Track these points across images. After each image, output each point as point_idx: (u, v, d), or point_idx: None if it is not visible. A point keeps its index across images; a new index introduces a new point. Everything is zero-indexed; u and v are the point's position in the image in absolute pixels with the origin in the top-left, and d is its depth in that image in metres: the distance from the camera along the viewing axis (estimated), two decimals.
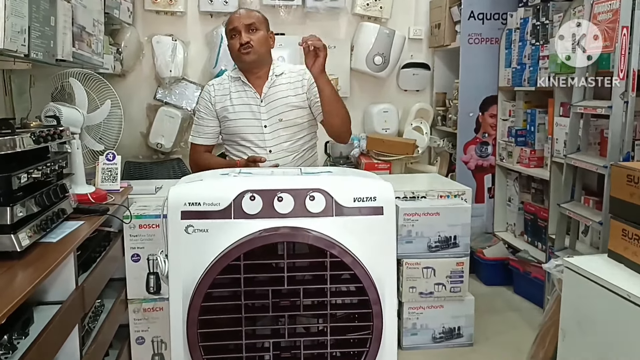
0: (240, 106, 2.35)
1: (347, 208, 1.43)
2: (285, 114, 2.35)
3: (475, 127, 4.07)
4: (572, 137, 2.88)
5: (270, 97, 2.35)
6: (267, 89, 2.35)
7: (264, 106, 2.34)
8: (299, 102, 2.36)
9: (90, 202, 2.32)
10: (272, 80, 2.36)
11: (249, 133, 2.36)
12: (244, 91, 2.36)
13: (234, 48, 2.31)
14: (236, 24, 2.30)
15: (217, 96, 2.39)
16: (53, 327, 1.68)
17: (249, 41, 2.28)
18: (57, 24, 2.18)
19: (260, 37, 2.32)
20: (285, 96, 2.35)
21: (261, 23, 2.36)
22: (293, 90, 2.37)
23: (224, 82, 2.42)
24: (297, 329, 1.47)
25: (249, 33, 2.30)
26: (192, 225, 1.42)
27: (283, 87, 2.37)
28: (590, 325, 1.79)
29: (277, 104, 2.35)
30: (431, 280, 2.88)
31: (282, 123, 2.35)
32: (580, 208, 2.87)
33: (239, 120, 2.35)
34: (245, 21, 2.30)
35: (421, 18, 4.39)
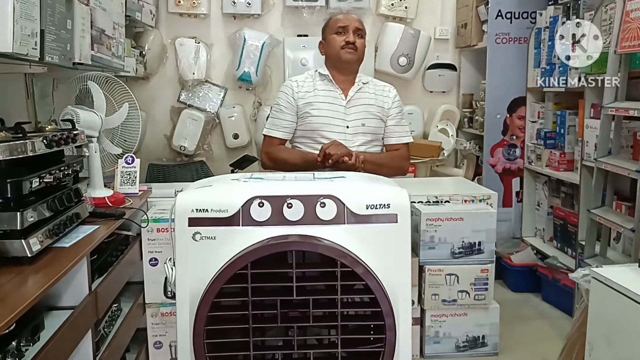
0: (325, 104, 2.40)
1: (359, 215, 1.38)
2: (368, 121, 2.44)
3: (502, 129, 3.97)
4: (603, 140, 2.77)
5: (355, 102, 2.42)
6: (353, 92, 2.42)
7: (348, 108, 2.41)
8: (379, 113, 2.45)
9: (107, 205, 2.31)
10: (358, 86, 2.44)
11: (330, 131, 2.40)
12: (331, 90, 2.42)
13: (338, 44, 2.38)
14: (347, 23, 2.39)
15: (301, 92, 2.43)
16: (64, 333, 1.66)
17: (354, 42, 2.37)
18: (74, 27, 2.17)
19: (363, 44, 2.43)
20: (369, 104, 2.44)
21: (364, 33, 2.46)
22: (376, 101, 2.45)
23: (308, 79, 2.47)
24: (308, 341, 1.43)
25: (356, 36, 2.39)
26: (199, 232, 1.39)
27: (368, 95, 2.45)
28: (619, 340, 1.70)
29: (361, 109, 2.42)
30: (454, 288, 2.80)
31: (364, 128, 2.42)
32: (611, 214, 2.76)
33: (322, 118, 2.39)
34: (356, 24, 2.40)
35: (447, 18, 4.30)
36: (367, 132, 2.41)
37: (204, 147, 4.11)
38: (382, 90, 2.46)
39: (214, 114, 4.10)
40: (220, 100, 4.11)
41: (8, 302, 1.35)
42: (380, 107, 2.43)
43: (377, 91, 2.45)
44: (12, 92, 2.43)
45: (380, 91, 2.46)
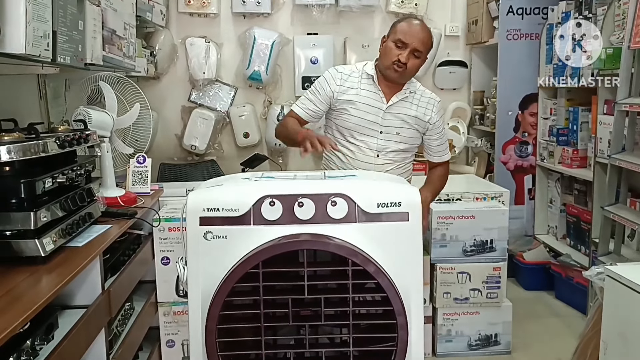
0: (365, 105, 2.31)
1: (370, 214, 1.37)
2: (403, 130, 2.33)
3: (514, 126, 3.94)
4: (616, 137, 2.75)
5: (394, 108, 2.32)
6: (396, 99, 2.32)
7: (387, 113, 2.31)
8: (417, 125, 2.35)
9: (119, 205, 2.32)
10: (404, 94, 2.33)
11: (363, 134, 2.32)
12: (373, 92, 2.32)
13: (391, 56, 2.24)
14: (409, 40, 2.22)
15: (344, 86, 2.34)
16: (77, 331, 1.67)
17: (406, 63, 2.22)
18: (85, 28, 2.17)
19: (417, 64, 2.28)
20: (409, 114, 2.33)
21: (426, 51, 2.30)
22: (418, 112, 2.34)
23: (354, 74, 2.36)
24: (319, 340, 1.43)
25: (411, 56, 2.23)
26: (210, 231, 1.39)
27: (411, 104, 2.34)
28: (634, 338, 1.68)
29: (399, 117, 2.32)
30: (466, 286, 2.79)
31: (397, 137, 2.33)
32: (625, 211, 2.73)
33: (357, 118, 2.31)
34: (417, 45, 2.22)
35: (458, 14, 4.27)
36: (400, 142, 2.33)
37: (215, 146, 4.11)
38: (426, 103, 2.36)
39: (225, 113, 4.10)
40: (230, 100, 4.12)
41: (22, 301, 1.36)
42: (419, 120, 2.34)
43: (421, 102, 2.35)
44: (25, 93, 2.44)
45: (425, 103, 2.35)
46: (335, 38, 4.06)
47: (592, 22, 3.19)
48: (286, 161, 4.20)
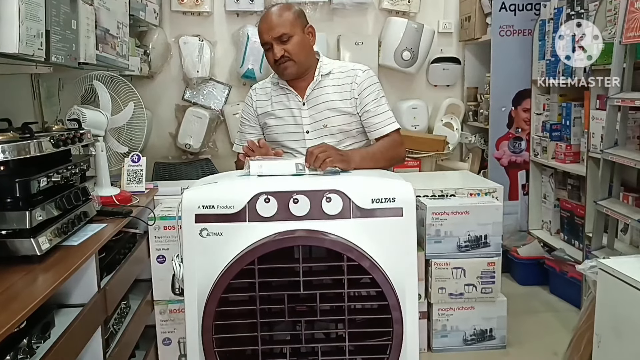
0: (281, 111, 2.14)
1: (365, 209, 1.38)
2: (330, 120, 2.09)
3: (507, 122, 3.96)
4: (609, 131, 2.76)
5: (313, 100, 2.10)
6: (310, 90, 2.10)
7: (306, 110, 2.10)
8: (345, 107, 2.09)
9: (114, 204, 2.33)
10: (317, 81, 2.10)
11: (290, 140, 2.14)
12: (285, 94, 2.14)
13: (270, 60, 2.08)
14: (266, 37, 2.04)
15: (259, 101, 2.19)
16: (74, 330, 1.67)
17: (283, 54, 2.02)
18: (79, 27, 2.18)
19: (296, 43, 2.03)
20: (330, 100, 2.09)
21: (293, 26, 2.04)
22: (340, 93, 2.09)
23: (266, 85, 2.21)
24: (315, 335, 1.44)
25: (281, 44, 2.02)
26: (206, 228, 1.40)
27: (329, 89, 2.10)
28: (627, 331, 1.70)
29: (321, 108, 2.09)
30: (461, 281, 2.81)
31: (326, 129, 2.09)
32: (618, 205, 2.75)
33: (279, 127, 2.14)
34: (274, 33, 2.01)
35: (450, 11, 4.28)
36: (332, 133, 2.08)
37: (209, 144, 4.12)
38: (345, 78, 2.08)
39: (219, 112, 4.11)
40: (224, 98, 4.12)
41: (19, 300, 1.37)
42: (344, 101, 2.07)
43: (339, 81, 2.08)
44: (19, 92, 2.44)
45: (343, 80, 2.07)
46: (329, 35, 4.06)
47: (584, 17, 3.20)
48: None
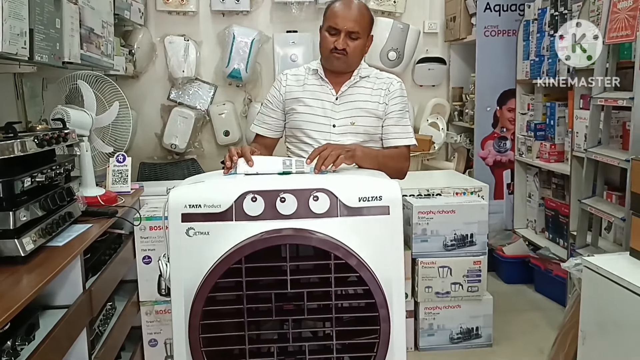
0: (312, 100, 2.13)
1: (352, 208, 1.38)
2: (358, 119, 2.11)
3: (492, 121, 3.99)
4: (592, 131, 2.79)
5: (346, 97, 2.13)
6: (345, 87, 2.13)
7: (337, 105, 2.12)
8: (375, 109, 2.13)
9: (99, 204, 2.31)
10: (354, 81, 2.13)
11: (314, 130, 2.12)
12: (320, 85, 2.14)
13: (327, 45, 2.07)
14: (340, 25, 2.04)
15: (289, 85, 2.17)
16: (59, 332, 1.66)
17: (345, 48, 2.04)
18: (63, 26, 2.16)
19: (358, 46, 2.08)
20: (362, 100, 2.13)
21: (365, 29, 2.09)
22: (373, 96, 2.13)
23: (300, 72, 2.20)
24: (303, 334, 1.43)
25: (349, 39, 2.05)
26: (192, 227, 1.39)
27: (363, 89, 2.14)
28: (612, 328, 1.72)
29: (352, 106, 2.12)
30: (447, 280, 2.82)
31: (353, 127, 2.11)
32: (602, 204, 2.78)
33: (307, 115, 2.13)
34: (349, 26, 2.03)
35: (436, 11, 4.31)
36: (358, 132, 2.11)
37: (195, 144, 4.10)
38: (382, 84, 2.14)
39: (205, 112, 4.09)
40: (210, 98, 4.11)
41: (2, 301, 1.35)
42: (375, 103, 2.12)
43: (374, 85, 2.14)
44: (2, 92, 2.41)
45: (378, 85, 2.14)
46: (315, 36, 4.04)
47: (568, 18, 3.23)
48: None
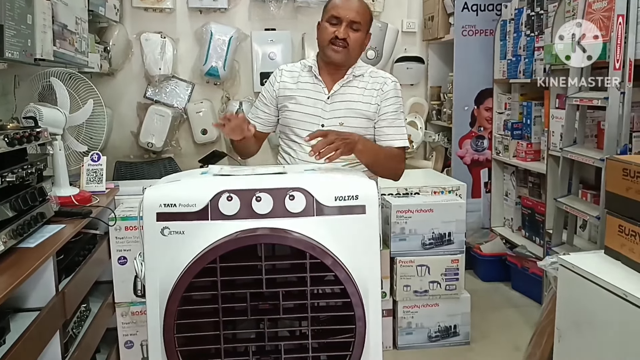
0: (304, 98, 2.11)
1: (328, 207, 1.38)
2: (348, 120, 2.08)
3: (470, 120, 4.01)
4: (568, 130, 2.82)
5: (338, 97, 2.10)
6: (338, 86, 2.09)
7: (329, 104, 2.09)
8: (367, 110, 2.09)
9: (73, 204, 2.27)
10: (347, 79, 2.10)
11: (303, 129, 2.09)
12: (313, 83, 2.12)
13: (327, 36, 2.04)
14: (342, 13, 2.02)
15: (284, 81, 2.16)
16: (30, 335, 1.63)
17: (346, 38, 2.02)
18: (35, 22, 2.11)
19: (359, 38, 2.05)
20: (354, 100, 2.09)
21: (365, 23, 2.07)
22: (365, 97, 2.09)
23: (296, 68, 2.18)
24: (279, 333, 1.42)
25: (350, 29, 2.03)
26: (167, 227, 1.37)
27: (356, 90, 2.10)
28: (587, 325, 1.74)
29: (343, 106, 2.09)
30: (425, 279, 2.83)
31: (342, 127, 2.05)
32: (577, 202, 2.81)
33: (297, 113, 2.11)
34: (351, 15, 2.02)
35: (414, 11, 4.31)
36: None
37: (172, 143, 4.05)
38: (375, 83, 2.09)
39: (182, 110, 4.04)
40: (187, 96, 4.06)
41: None
42: (367, 104, 2.08)
43: (369, 85, 2.09)
44: None
45: (371, 85, 2.09)
46: (293, 33, 4.04)
47: (544, 18, 3.27)
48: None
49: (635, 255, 1.71)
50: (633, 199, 1.71)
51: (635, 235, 1.70)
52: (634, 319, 1.54)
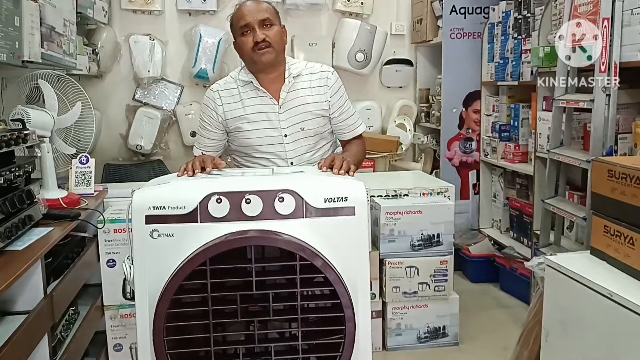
0: (256, 115, 2.09)
1: (317, 209, 1.38)
2: (307, 123, 2.11)
3: (458, 123, 4.04)
4: (555, 132, 2.84)
5: (289, 104, 2.10)
6: (285, 94, 2.09)
7: (282, 113, 2.09)
8: (320, 110, 2.12)
9: (61, 207, 2.26)
10: (290, 84, 2.10)
11: (268, 144, 2.11)
12: (259, 97, 2.10)
13: (247, 47, 2.04)
14: (248, 19, 2.01)
15: (226, 104, 2.11)
16: (18, 338, 1.62)
17: (264, 38, 2.01)
18: (22, 24, 2.11)
19: (276, 32, 2.05)
20: (306, 102, 2.11)
21: (275, 16, 2.08)
22: (313, 96, 2.12)
23: (231, 86, 2.14)
24: (269, 335, 1.43)
25: (263, 29, 2.02)
26: (157, 229, 1.37)
27: (303, 91, 2.11)
28: (574, 325, 1.75)
29: (298, 111, 2.10)
30: (415, 280, 2.84)
31: (303, 132, 2.11)
32: (564, 203, 2.83)
33: (256, 131, 2.10)
34: (258, 16, 2.01)
35: (403, 13, 4.34)
36: (309, 136, 2.12)
37: (161, 145, 4.04)
38: (318, 80, 2.11)
39: (171, 112, 4.04)
40: (176, 98, 4.06)
41: None
42: (319, 102, 2.11)
43: (312, 83, 2.11)
44: None
45: (315, 82, 2.11)
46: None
47: (531, 21, 3.29)
48: None
49: (621, 256, 1.73)
50: (618, 200, 1.73)
51: (621, 235, 1.72)
52: (620, 319, 1.55)
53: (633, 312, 1.51)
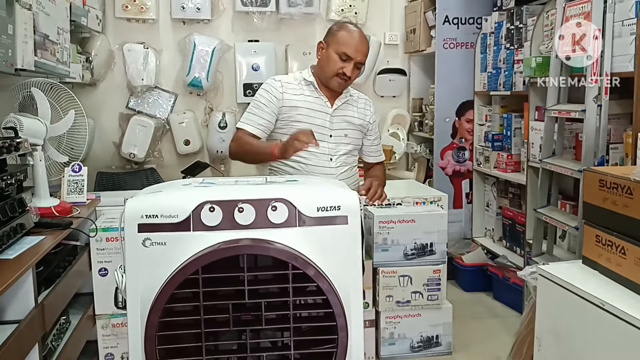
0: (311, 111, 2.34)
1: (310, 218, 1.38)
2: (350, 132, 2.40)
3: (452, 132, 4.05)
4: (547, 141, 2.86)
5: (339, 111, 2.38)
6: (340, 102, 2.38)
7: (333, 117, 2.36)
8: (361, 125, 2.43)
9: (53, 215, 2.25)
10: (345, 98, 2.39)
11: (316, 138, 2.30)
12: (317, 97, 2.36)
13: (335, 68, 2.28)
14: (353, 54, 2.27)
15: (287, 93, 2.34)
16: (8, 348, 1.61)
17: (351, 77, 2.30)
18: (15, 32, 2.11)
19: (358, 75, 2.37)
20: (353, 116, 2.40)
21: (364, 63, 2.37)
22: (359, 114, 2.42)
23: (294, 82, 2.38)
24: (261, 344, 1.42)
25: (355, 69, 2.30)
26: (149, 238, 1.37)
27: (351, 107, 2.41)
28: (566, 334, 1.76)
29: (345, 120, 2.39)
30: (408, 289, 2.84)
31: (345, 138, 2.38)
32: (556, 213, 2.85)
33: (305, 124, 2.31)
34: (360, 58, 2.29)
35: (396, 23, 4.36)
36: (348, 143, 2.39)
37: (154, 154, 4.03)
38: (364, 104, 2.46)
39: (164, 120, 4.03)
40: (170, 106, 4.05)
41: None
42: (362, 120, 2.42)
43: (359, 104, 2.44)
44: None
45: (362, 105, 2.45)
46: (277, 45, 4.07)
47: (523, 31, 3.32)
48: (228, 168, 4.17)
49: (612, 265, 1.74)
50: (609, 209, 1.74)
51: (612, 245, 1.73)
52: (611, 328, 1.56)
53: (625, 321, 1.51)
